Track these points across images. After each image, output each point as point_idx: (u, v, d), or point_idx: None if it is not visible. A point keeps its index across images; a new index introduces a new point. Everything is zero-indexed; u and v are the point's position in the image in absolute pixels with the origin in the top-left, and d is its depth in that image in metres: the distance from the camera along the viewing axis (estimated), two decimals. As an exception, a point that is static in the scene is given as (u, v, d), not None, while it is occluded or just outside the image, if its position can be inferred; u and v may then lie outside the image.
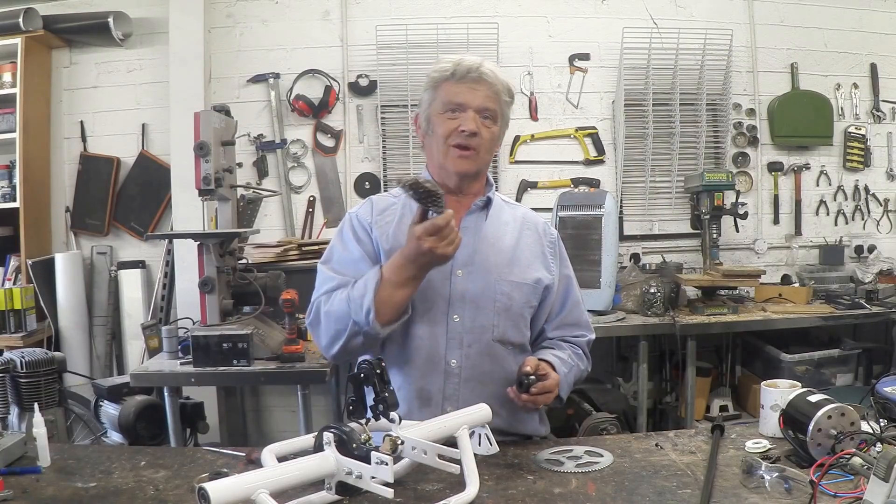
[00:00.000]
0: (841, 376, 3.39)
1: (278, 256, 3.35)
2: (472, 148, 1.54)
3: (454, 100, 1.54)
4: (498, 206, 1.67)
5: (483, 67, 1.54)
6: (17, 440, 1.47)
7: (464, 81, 1.54)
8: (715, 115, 3.92)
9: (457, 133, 1.53)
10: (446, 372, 1.54)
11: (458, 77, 1.54)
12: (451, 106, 1.54)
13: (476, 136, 1.53)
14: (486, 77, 1.54)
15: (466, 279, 1.56)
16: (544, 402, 1.50)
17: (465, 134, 1.53)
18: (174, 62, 3.55)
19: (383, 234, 1.58)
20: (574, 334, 1.71)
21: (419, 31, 3.67)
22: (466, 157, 1.55)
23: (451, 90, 1.55)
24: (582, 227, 3.20)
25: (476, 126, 1.53)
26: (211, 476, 1.33)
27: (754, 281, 3.44)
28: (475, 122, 1.53)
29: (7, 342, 3.22)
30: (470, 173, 1.59)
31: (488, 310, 1.55)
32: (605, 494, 1.24)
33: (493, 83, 1.55)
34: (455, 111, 1.54)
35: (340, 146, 3.81)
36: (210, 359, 2.63)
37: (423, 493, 1.26)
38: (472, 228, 1.60)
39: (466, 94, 1.54)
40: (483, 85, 1.54)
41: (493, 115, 1.56)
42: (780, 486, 1.22)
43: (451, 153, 1.55)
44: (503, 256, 1.60)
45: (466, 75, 1.54)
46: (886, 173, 4.02)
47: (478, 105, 1.54)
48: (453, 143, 1.54)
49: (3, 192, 3.59)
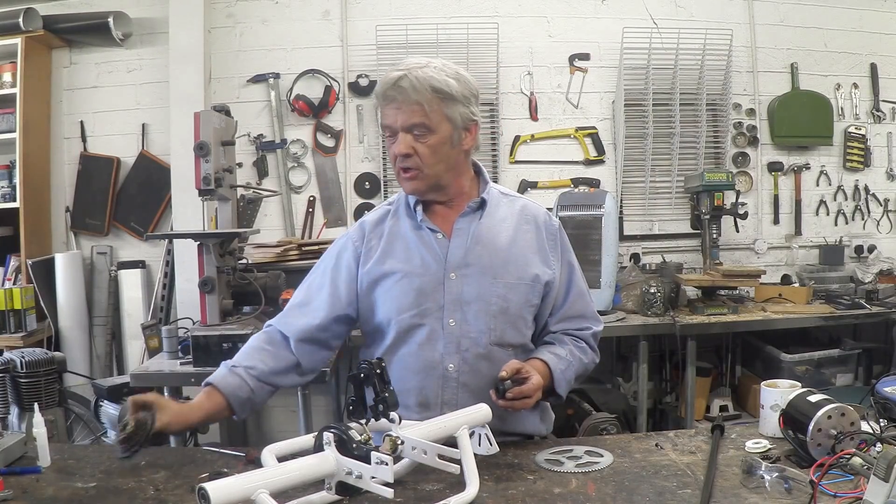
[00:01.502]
0: (841, 376, 3.39)
1: (278, 256, 3.35)
2: (411, 168, 1.52)
3: (385, 123, 1.53)
4: (494, 203, 1.63)
5: (402, 81, 1.46)
6: (17, 440, 1.48)
7: (389, 102, 1.50)
8: (715, 115, 3.92)
9: (396, 157, 1.53)
10: (444, 377, 1.53)
11: (383, 98, 1.51)
12: (387, 130, 1.53)
13: (411, 155, 1.50)
14: (404, 92, 1.47)
15: (460, 282, 1.54)
16: (522, 406, 1.47)
17: (399, 157, 1.51)
18: (174, 62, 3.55)
19: (376, 247, 1.60)
20: (578, 326, 1.67)
21: (419, 31, 3.67)
22: (411, 179, 1.54)
23: (384, 113, 1.53)
24: (582, 227, 3.20)
25: (406, 147, 1.49)
26: (211, 476, 1.34)
27: (754, 281, 3.44)
28: (405, 143, 1.50)
29: (7, 342, 3.22)
30: (420, 192, 1.57)
31: (484, 313, 1.54)
32: (605, 494, 1.24)
33: (412, 94, 1.46)
34: (391, 134, 1.53)
35: (340, 146, 3.81)
36: (210, 359, 2.63)
37: (423, 493, 1.26)
38: (465, 230, 1.58)
39: (392, 115, 1.50)
40: (404, 100, 1.47)
41: (424, 128, 1.49)
42: (780, 486, 1.22)
43: (400, 176, 1.56)
44: (498, 256, 1.57)
45: (388, 95, 1.49)
46: (886, 173, 4.02)
47: (402, 124, 1.49)
48: (399, 167, 1.54)
49: (3, 192, 3.59)
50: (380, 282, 1.57)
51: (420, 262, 1.56)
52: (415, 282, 1.54)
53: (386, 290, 1.56)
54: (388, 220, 1.63)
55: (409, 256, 1.57)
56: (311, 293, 1.63)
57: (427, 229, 1.58)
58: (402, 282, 1.55)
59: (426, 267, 1.55)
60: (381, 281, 1.57)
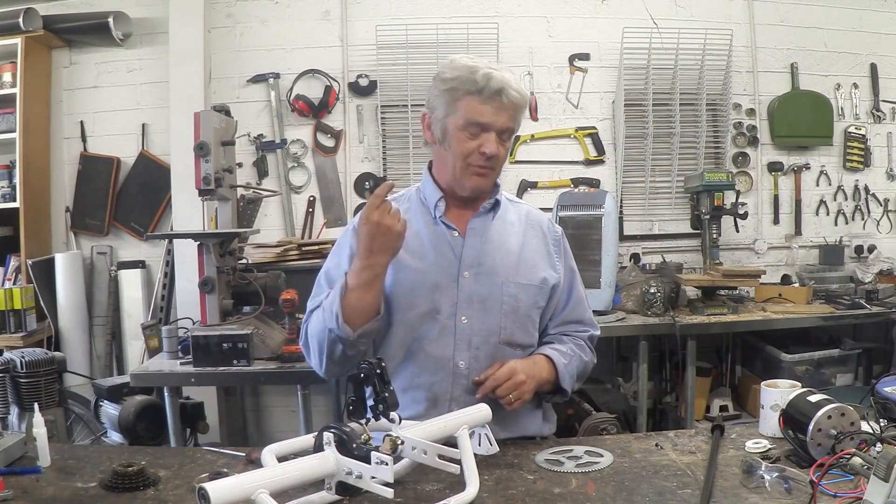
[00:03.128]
0: (841, 376, 3.39)
1: (278, 256, 3.35)
2: (489, 168, 1.54)
3: (478, 119, 1.50)
4: (504, 206, 1.66)
5: (511, 90, 1.49)
6: (17, 440, 1.47)
7: (490, 101, 1.48)
8: (715, 115, 3.92)
9: (477, 154, 1.51)
10: (454, 373, 1.54)
11: (485, 95, 1.48)
12: (474, 125, 1.50)
13: (496, 156, 1.53)
14: (513, 100, 1.50)
15: (474, 280, 1.56)
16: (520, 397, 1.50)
17: (486, 156, 1.51)
18: (174, 62, 3.55)
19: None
20: (576, 330, 1.71)
21: (419, 31, 3.67)
22: (485, 177, 1.55)
23: (475, 108, 1.49)
24: (582, 227, 3.20)
25: (496, 147, 1.52)
26: (211, 476, 1.34)
27: (754, 281, 3.44)
28: (495, 143, 1.51)
29: (7, 342, 3.22)
30: (486, 189, 1.60)
31: (496, 311, 1.56)
32: (605, 494, 1.24)
33: (517, 104, 1.51)
34: (475, 130, 1.51)
35: (340, 146, 3.81)
36: (210, 359, 2.64)
37: (423, 493, 1.26)
38: (479, 230, 1.60)
39: (491, 115, 1.49)
40: (509, 106, 1.50)
41: (511, 133, 1.55)
42: (780, 486, 1.22)
43: (468, 171, 1.54)
44: (510, 258, 1.60)
45: (494, 96, 1.48)
46: (886, 173, 4.02)
47: (500, 127, 1.51)
48: (473, 164, 1.53)
49: (3, 192, 3.59)
50: (393, 275, 1.54)
51: (434, 258, 1.57)
52: (429, 276, 1.55)
53: (399, 284, 1.55)
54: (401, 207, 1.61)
55: (424, 252, 1.58)
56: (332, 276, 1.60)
57: (444, 225, 1.60)
58: (416, 277, 1.55)
59: (440, 263, 1.57)
60: (394, 274, 1.54)
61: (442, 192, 1.61)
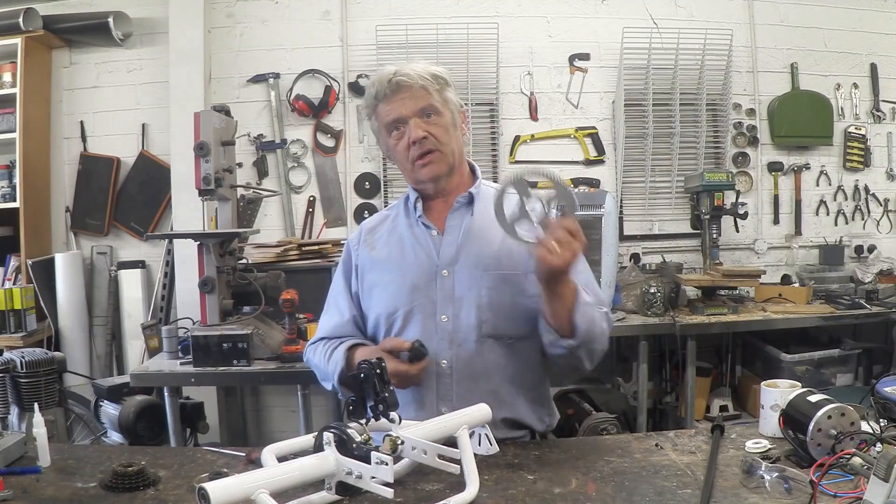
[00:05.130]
0: (841, 376, 3.39)
1: (278, 256, 3.35)
2: (430, 151, 1.56)
3: (389, 119, 1.56)
4: (485, 197, 1.62)
5: (401, 75, 1.54)
6: (17, 440, 1.47)
7: (391, 96, 1.55)
8: (715, 115, 3.92)
9: (410, 146, 1.55)
10: (438, 373, 1.54)
11: (382, 96, 1.56)
12: (393, 125, 1.57)
13: (427, 137, 1.54)
14: (405, 82, 1.53)
15: (452, 278, 1.56)
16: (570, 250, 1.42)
17: (417, 143, 1.54)
18: (174, 62, 3.55)
19: (371, 248, 1.66)
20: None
21: (419, 31, 3.67)
22: (432, 162, 1.57)
23: (384, 111, 1.57)
24: (582, 227, 3.18)
25: (422, 130, 1.53)
26: (211, 476, 1.33)
27: (754, 281, 3.44)
28: (419, 127, 1.54)
29: (7, 342, 3.22)
30: (443, 173, 1.60)
31: (474, 306, 1.54)
32: (605, 494, 1.24)
33: (413, 83, 1.54)
34: (398, 128, 1.56)
35: (340, 146, 3.81)
36: (210, 359, 2.64)
37: (423, 493, 1.26)
38: (457, 226, 1.61)
39: (398, 108, 1.55)
40: (406, 91, 1.54)
41: (433, 110, 1.56)
42: (780, 486, 1.21)
43: (416, 166, 1.57)
44: (490, 249, 1.56)
45: (388, 90, 1.55)
46: (886, 173, 4.02)
47: (412, 110, 1.54)
48: (414, 157, 1.56)
49: (3, 192, 3.59)
50: (375, 280, 1.63)
51: (413, 259, 1.60)
52: (407, 278, 1.58)
53: (381, 288, 1.61)
54: (387, 223, 1.70)
55: (404, 254, 1.61)
56: (335, 297, 1.73)
57: (422, 225, 1.62)
58: (396, 279, 1.59)
59: (419, 264, 1.59)
60: (375, 279, 1.63)
61: (418, 194, 1.66)
